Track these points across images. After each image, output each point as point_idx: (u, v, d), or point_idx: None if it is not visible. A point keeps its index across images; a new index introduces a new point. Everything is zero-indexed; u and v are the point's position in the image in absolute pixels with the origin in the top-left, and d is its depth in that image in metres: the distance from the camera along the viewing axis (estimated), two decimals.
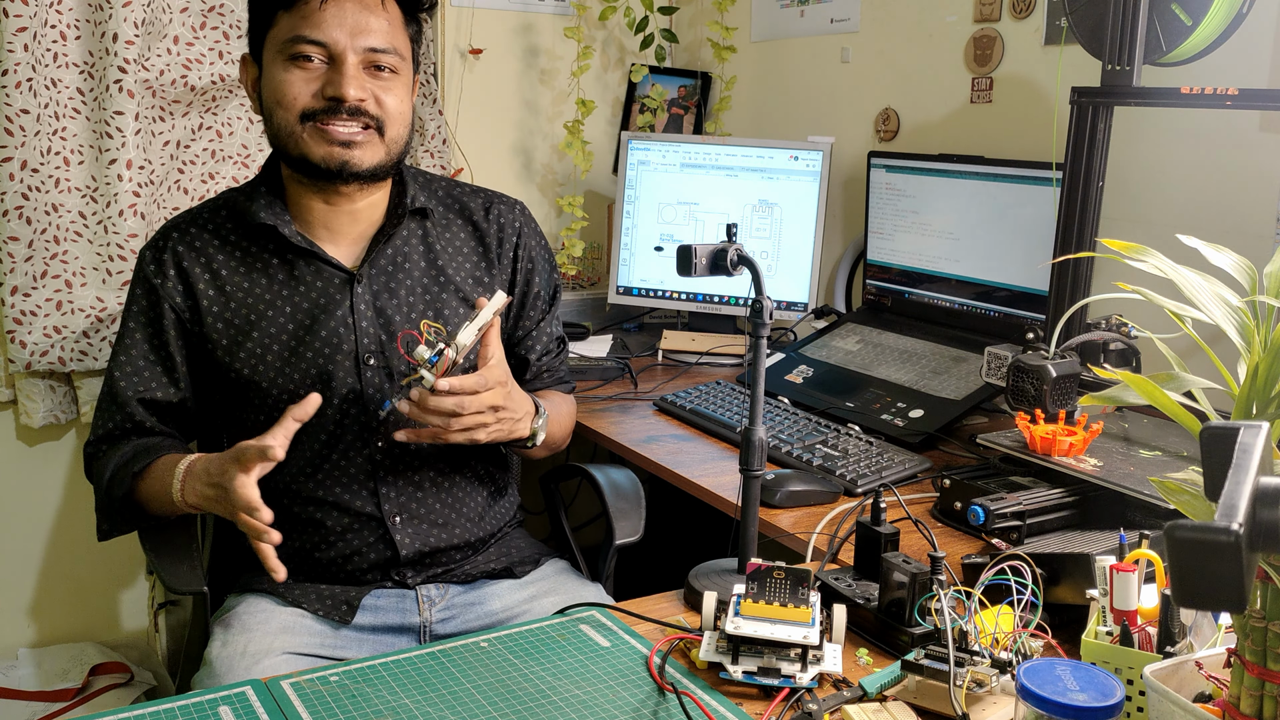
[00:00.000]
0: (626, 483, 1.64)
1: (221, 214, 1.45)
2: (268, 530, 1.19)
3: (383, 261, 1.44)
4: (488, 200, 1.55)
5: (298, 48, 1.33)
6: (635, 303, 2.39)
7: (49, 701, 2.00)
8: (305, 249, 1.41)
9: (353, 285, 1.41)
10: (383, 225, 1.45)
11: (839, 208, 2.40)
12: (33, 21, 1.91)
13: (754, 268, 1.20)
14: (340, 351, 1.40)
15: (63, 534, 2.21)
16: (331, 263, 1.42)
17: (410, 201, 1.45)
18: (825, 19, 2.41)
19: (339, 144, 1.35)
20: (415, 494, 1.44)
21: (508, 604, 1.45)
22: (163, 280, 1.41)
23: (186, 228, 1.44)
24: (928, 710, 0.98)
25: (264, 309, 1.40)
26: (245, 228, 1.43)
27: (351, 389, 1.40)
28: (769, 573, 1.06)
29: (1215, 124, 1.68)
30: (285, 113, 1.35)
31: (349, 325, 1.40)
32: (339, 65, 1.33)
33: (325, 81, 1.34)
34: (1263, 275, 0.85)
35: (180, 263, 1.42)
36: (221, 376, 1.42)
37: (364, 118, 1.35)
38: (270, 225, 1.40)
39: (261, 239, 1.42)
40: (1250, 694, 0.77)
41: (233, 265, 1.42)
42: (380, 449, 1.41)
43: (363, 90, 1.34)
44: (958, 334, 1.96)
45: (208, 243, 1.43)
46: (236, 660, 1.28)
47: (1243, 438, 0.68)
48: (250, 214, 1.41)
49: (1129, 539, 1.03)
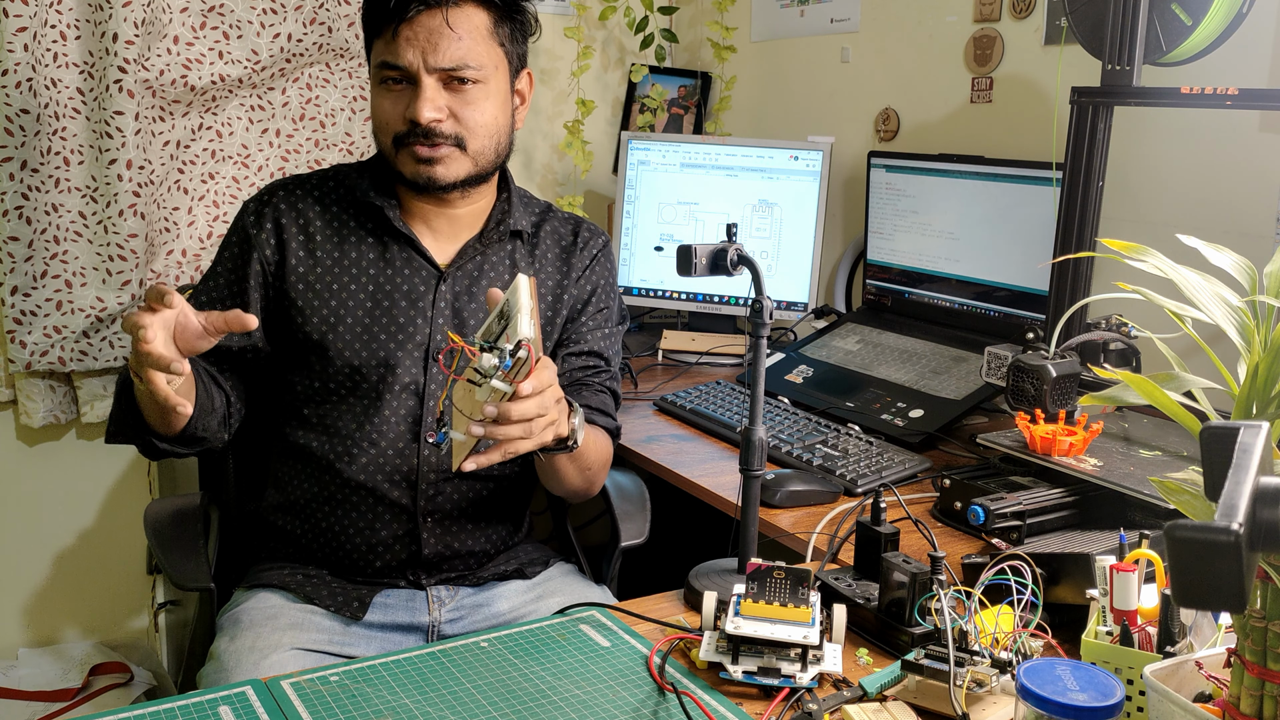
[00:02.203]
0: (631, 485, 1.64)
1: (329, 184, 1.50)
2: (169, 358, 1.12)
3: (470, 267, 1.47)
4: (575, 224, 1.60)
5: (384, 74, 1.38)
6: (635, 303, 2.39)
7: (49, 701, 2.00)
8: (404, 235, 1.45)
9: (439, 282, 1.44)
10: (480, 235, 1.49)
11: (839, 208, 2.40)
12: (33, 21, 1.91)
13: (754, 268, 1.20)
14: (412, 341, 1.42)
15: (63, 534, 2.21)
16: (425, 255, 1.45)
17: (514, 223, 1.50)
18: (825, 19, 2.41)
19: (423, 162, 1.39)
20: (453, 496, 1.44)
21: (515, 605, 1.45)
22: (259, 231, 1.45)
23: (293, 189, 1.49)
24: (928, 710, 0.98)
25: (348, 281, 1.44)
26: (350, 201, 1.47)
27: (414, 380, 1.42)
28: (769, 573, 1.06)
29: (1215, 124, 1.68)
30: (383, 136, 1.42)
31: (427, 318, 1.43)
32: (416, 87, 1.37)
33: (406, 104, 1.38)
34: (1263, 275, 0.85)
35: (279, 219, 1.46)
36: (291, 336, 1.44)
37: (438, 137, 1.38)
38: (376, 206, 1.44)
39: (362, 216, 1.47)
40: (1250, 694, 0.77)
41: (328, 233, 1.46)
42: (430, 445, 1.42)
43: (438, 110, 1.37)
44: (958, 334, 1.96)
45: (310, 206, 1.47)
46: (245, 655, 1.28)
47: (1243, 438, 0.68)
48: (360, 190, 1.46)
49: (1129, 539, 1.03)
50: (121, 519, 2.25)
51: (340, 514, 1.42)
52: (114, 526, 2.23)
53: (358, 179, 1.48)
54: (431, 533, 1.43)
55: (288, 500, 1.46)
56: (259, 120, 2.21)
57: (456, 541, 1.45)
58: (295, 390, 1.45)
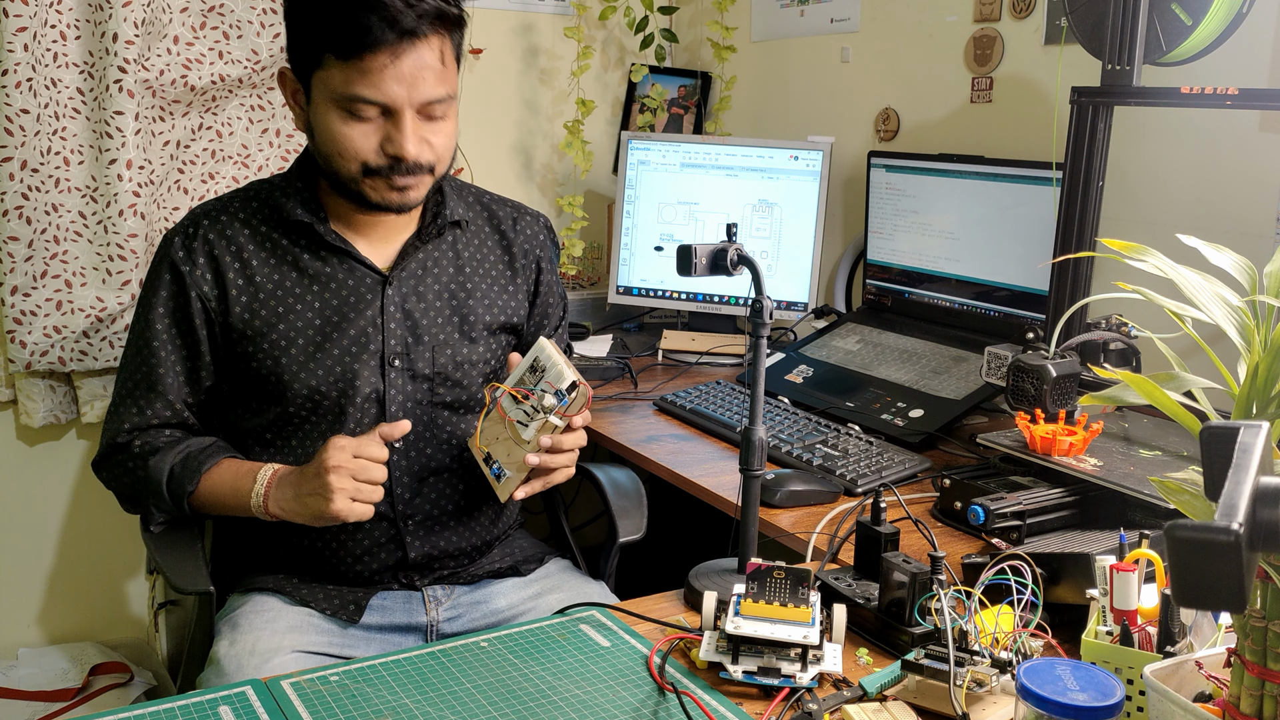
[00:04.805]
0: (628, 481, 1.64)
1: (253, 204, 1.44)
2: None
3: (413, 265, 1.45)
4: (515, 211, 1.58)
5: (354, 106, 1.30)
6: (635, 302, 2.39)
7: (49, 701, 2.00)
8: (340, 247, 1.42)
9: (384, 287, 1.42)
10: (417, 231, 1.47)
11: (839, 208, 2.40)
12: (33, 21, 1.91)
13: (754, 267, 1.20)
14: (366, 351, 1.40)
15: (63, 534, 2.21)
16: (365, 263, 1.42)
17: (450, 214, 1.47)
18: (825, 19, 2.41)
19: (397, 190, 1.36)
20: (429, 496, 1.44)
21: (513, 602, 1.45)
22: (191, 267, 1.40)
23: (218, 215, 1.43)
24: (928, 710, 0.98)
25: (292, 302, 1.40)
26: (278, 220, 1.43)
27: (375, 389, 1.41)
28: (769, 572, 1.06)
29: (1215, 124, 1.68)
30: (346, 163, 1.34)
31: (377, 326, 1.41)
32: (397, 121, 1.32)
33: (384, 137, 1.33)
34: (1263, 275, 0.85)
35: (211, 250, 1.40)
36: (243, 368, 1.41)
37: (420, 168, 1.35)
38: (305, 223, 1.41)
39: (294, 233, 1.43)
40: (1250, 694, 0.77)
41: (263, 256, 1.41)
42: (399, 450, 1.41)
43: (420, 144, 1.34)
44: (958, 334, 1.96)
45: (238, 232, 1.42)
46: (245, 659, 1.28)
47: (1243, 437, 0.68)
48: (285, 210, 1.41)
49: (1129, 539, 1.03)
50: (121, 519, 2.24)
51: (321, 529, 1.42)
52: (114, 526, 2.23)
53: (281, 198, 1.42)
54: (415, 535, 1.43)
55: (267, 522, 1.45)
56: (259, 120, 2.21)
57: (442, 540, 1.45)
58: (257, 420, 1.43)
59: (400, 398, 1.42)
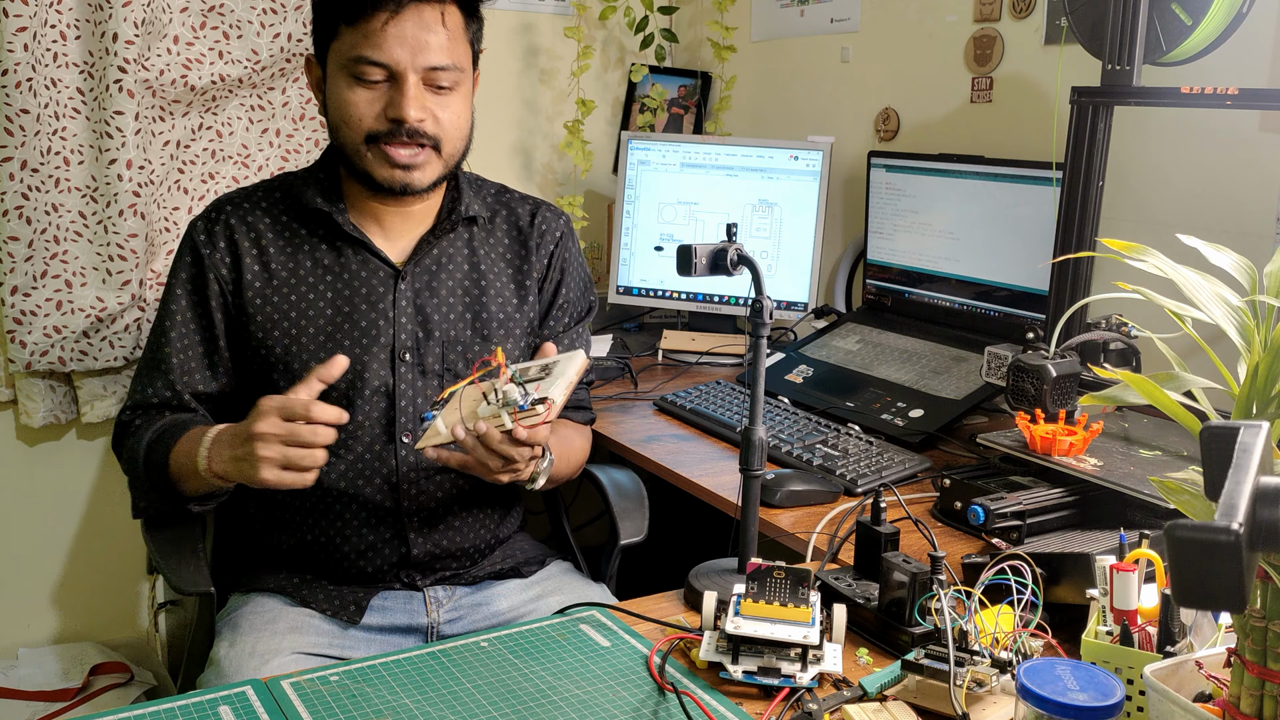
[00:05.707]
0: (629, 483, 1.64)
1: (275, 194, 1.47)
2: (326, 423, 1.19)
3: (427, 261, 1.46)
4: (534, 206, 1.58)
5: (360, 68, 1.34)
6: (635, 302, 2.39)
7: (49, 701, 2.00)
8: (356, 238, 1.43)
9: (398, 281, 1.43)
10: (433, 227, 1.47)
11: (839, 207, 2.40)
12: (33, 21, 1.91)
13: (754, 267, 1.20)
14: (377, 344, 1.41)
15: (63, 534, 2.21)
16: (380, 255, 1.44)
17: (465, 209, 1.48)
18: (825, 19, 2.41)
19: (400, 167, 1.37)
20: (435, 494, 1.44)
21: (514, 604, 1.45)
22: (211, 250, 1.43)
23: (240, 203, 1.46)
24: (928, 710, 0.98)
25: (306, 291, 1.42)
26: (298, 211, 1.45)
27: (384, 382, 1.41)
28: (769, 572, 1.06)
29: (1215, 124, 1.68)
30: (351, 132, 1.37)
31: (389, 319, 1.42)
32: (400, 85, 1.35)
33: (387, 102, 1.35)
34: (1263, 275, 0.85)
35: (231, 235, 1.43)
36: (254, 354, 1.42)
37: (422, 138, 1.37)
38: (324, 212, 1.42)
39: (312, 224, 1.45)
40: (1250, 694, 0.77)
41: (280, 245, 1.44)
42: (406, 445, 1.41)
43: (422, 110, 1.36)
44: (958, 334, 1.96)
45: (259, 219, 1.45)
46: (245, 660, 1.28)
47: (1243, 437, 0.68)
48: (305, 198, 1.43)
49: (1129, 539, 1.03)
50: (122, 519, 2.24)
51: (325, 524, 1.42)
52: (114, 526, 2.23)
53: (303, 187, 1.45)
54: (419, 533, 1.43)
55: (271, 515, 1.45)
56: (259, 120, 2.21)
57: (445, 539, 1.45)
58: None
59: (410, 392, 1.42)
